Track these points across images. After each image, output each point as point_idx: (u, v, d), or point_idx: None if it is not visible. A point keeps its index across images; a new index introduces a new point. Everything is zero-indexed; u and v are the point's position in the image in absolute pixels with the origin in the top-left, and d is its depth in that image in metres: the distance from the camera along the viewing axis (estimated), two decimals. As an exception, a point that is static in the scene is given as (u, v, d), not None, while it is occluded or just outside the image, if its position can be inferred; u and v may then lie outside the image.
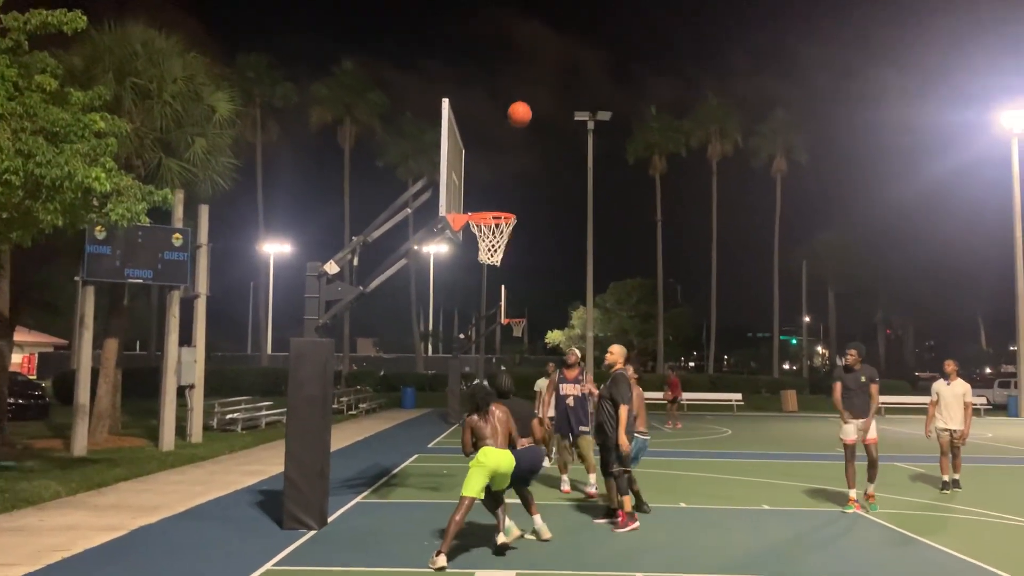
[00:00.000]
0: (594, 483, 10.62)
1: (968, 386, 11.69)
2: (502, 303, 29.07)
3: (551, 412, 11.26)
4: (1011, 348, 23.44)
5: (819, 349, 74.24)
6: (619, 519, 8.52)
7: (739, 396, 33.91)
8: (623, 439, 8.32)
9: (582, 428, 10.57)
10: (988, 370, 57.24)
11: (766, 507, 10.18)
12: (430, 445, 17.60)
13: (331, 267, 8.67)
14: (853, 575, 6.82)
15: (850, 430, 9.80)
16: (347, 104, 49.39)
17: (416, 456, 15.18)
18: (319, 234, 54.07)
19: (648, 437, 9.32)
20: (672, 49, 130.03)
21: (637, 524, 8.47)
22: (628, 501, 8.52)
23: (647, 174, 53.54)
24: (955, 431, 11.50)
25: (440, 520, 8.94)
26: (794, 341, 67.75)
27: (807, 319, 62.90)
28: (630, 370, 8.89)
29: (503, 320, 30.88)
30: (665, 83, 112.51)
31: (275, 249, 49.65)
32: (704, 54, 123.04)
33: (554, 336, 56.96)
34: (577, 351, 11.49)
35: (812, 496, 11.05)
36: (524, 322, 34.39)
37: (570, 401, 10.57)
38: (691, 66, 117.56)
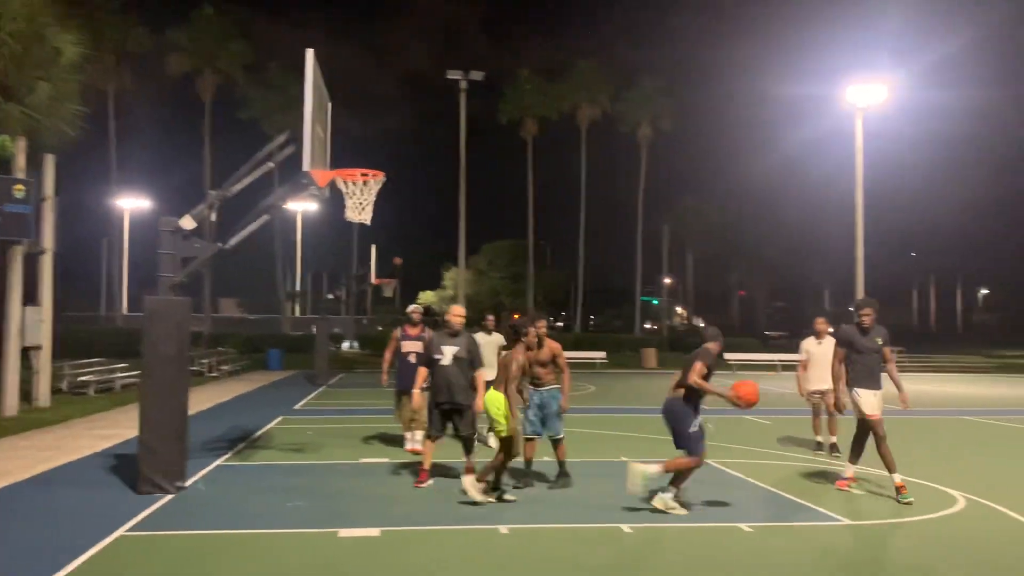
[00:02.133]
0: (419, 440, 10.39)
1: None
2: (372, 263, 28.78)
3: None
4: (850, 309, 25.26)
5: (678, 310, 77.50)
6: (421, 477, 8.54)
7: (603, 354, 35.03)
8: (479, 403, 8.24)
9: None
10: (830, 329, 61.29)
11: (624, 459, 10.62)
12: (296, 407, 17.34)
13: (187, 222, 8.33)
14: (696, 512, 7.27)
15: (873, 402, 8.15)
16: (207, 53, 46.99)
17: (281, 418, 14.93)
18: (179, 189, 51.42)
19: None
20: (549, 12, 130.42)
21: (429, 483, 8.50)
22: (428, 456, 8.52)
23: (519, 136, 53.90)
24: (826, 391, 10.81)
25: (305, 482, 8.89)
26: (655, 301, 70.33)
27: (668, 281, 65.52)
28: (543, 326, 8.55)
29: (374, 280, 30.62)
30: (541, 45, 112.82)
31: (131, 204, 47.10)
32: (579, 19, 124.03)
33: (426, 297, 56.90)
34: (421, 308, 11.37)
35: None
36: (395, 283, 34.18)
37: (412, 358, 10.34)
38: (567, 30, 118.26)
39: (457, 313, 8.52)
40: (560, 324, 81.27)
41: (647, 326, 67.62)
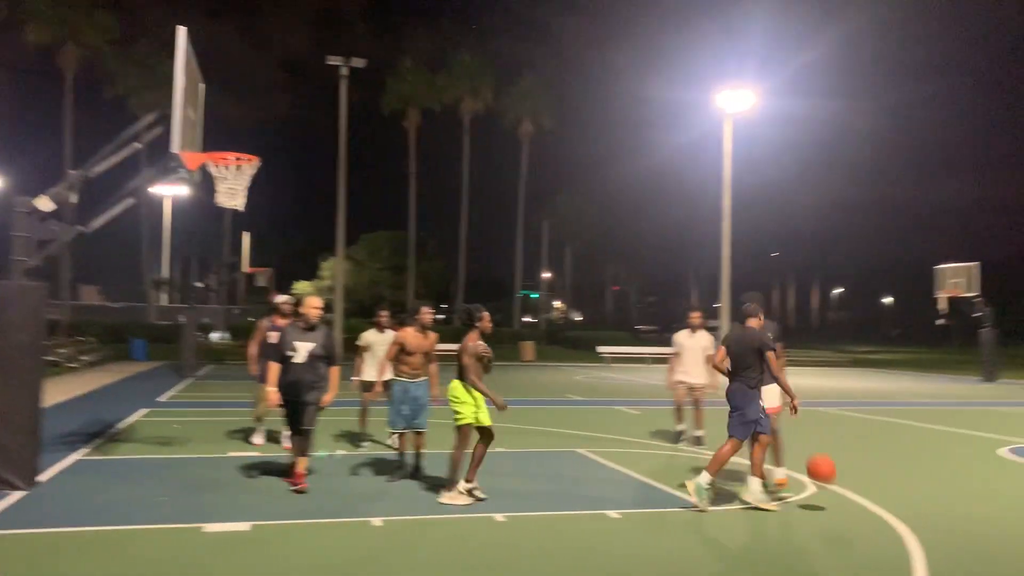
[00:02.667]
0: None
1: (712, 338, 11.11)
2: (244, 250, 27.92)
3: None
4: (715, 305, 26.54)
5: (556, 303, 78.95)
6: (296, 478, 7.88)
7: (482, 347, 35.28)
8: (328, 399, 7.90)
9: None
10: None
11: (500, 450, 10.75)
12: (161, 399, 16.66)
13: (44, 203, 7.87)
14: (567, 500, 7.47)
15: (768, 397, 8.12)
16: (70, 24, 44.25)
17: (145, 411, 14.32)
18: (36, 168, 48.26)
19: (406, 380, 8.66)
20: (433, 2, 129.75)
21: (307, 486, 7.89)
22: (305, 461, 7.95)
23: (402, 126, 53.46)
24: (695, 385, 11.02)
25: (169, 476, 8.58)
26: (534, 295, 71.32)
27: (547, 275, 66.61)
28: (429, 313, 8.64)
29: (246, 269, 29.70)
30: (425, 36, 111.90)
31: (-21, 182, 43.89)
32: (463, 12, 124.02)
33: (302, 287, 55.60)
34: (292, 300, 10.97)
35: (540, 438, 11.85)
36: (270, 272, 33.25)
37: None
38: (450, 23, 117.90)
39: (313, 305, 7.88)
40: (441, 316, 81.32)
41: (526, 319, 68.51)
